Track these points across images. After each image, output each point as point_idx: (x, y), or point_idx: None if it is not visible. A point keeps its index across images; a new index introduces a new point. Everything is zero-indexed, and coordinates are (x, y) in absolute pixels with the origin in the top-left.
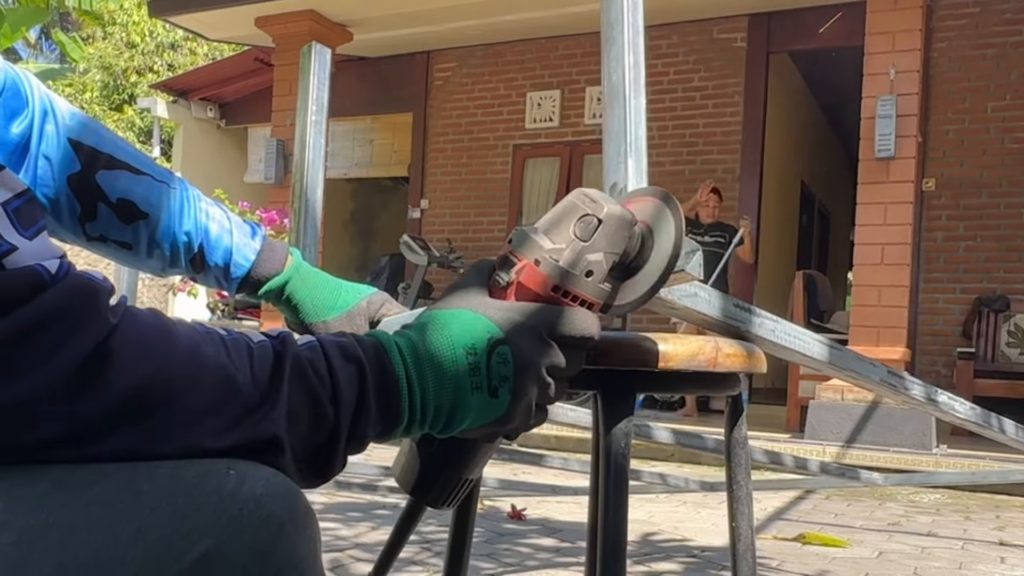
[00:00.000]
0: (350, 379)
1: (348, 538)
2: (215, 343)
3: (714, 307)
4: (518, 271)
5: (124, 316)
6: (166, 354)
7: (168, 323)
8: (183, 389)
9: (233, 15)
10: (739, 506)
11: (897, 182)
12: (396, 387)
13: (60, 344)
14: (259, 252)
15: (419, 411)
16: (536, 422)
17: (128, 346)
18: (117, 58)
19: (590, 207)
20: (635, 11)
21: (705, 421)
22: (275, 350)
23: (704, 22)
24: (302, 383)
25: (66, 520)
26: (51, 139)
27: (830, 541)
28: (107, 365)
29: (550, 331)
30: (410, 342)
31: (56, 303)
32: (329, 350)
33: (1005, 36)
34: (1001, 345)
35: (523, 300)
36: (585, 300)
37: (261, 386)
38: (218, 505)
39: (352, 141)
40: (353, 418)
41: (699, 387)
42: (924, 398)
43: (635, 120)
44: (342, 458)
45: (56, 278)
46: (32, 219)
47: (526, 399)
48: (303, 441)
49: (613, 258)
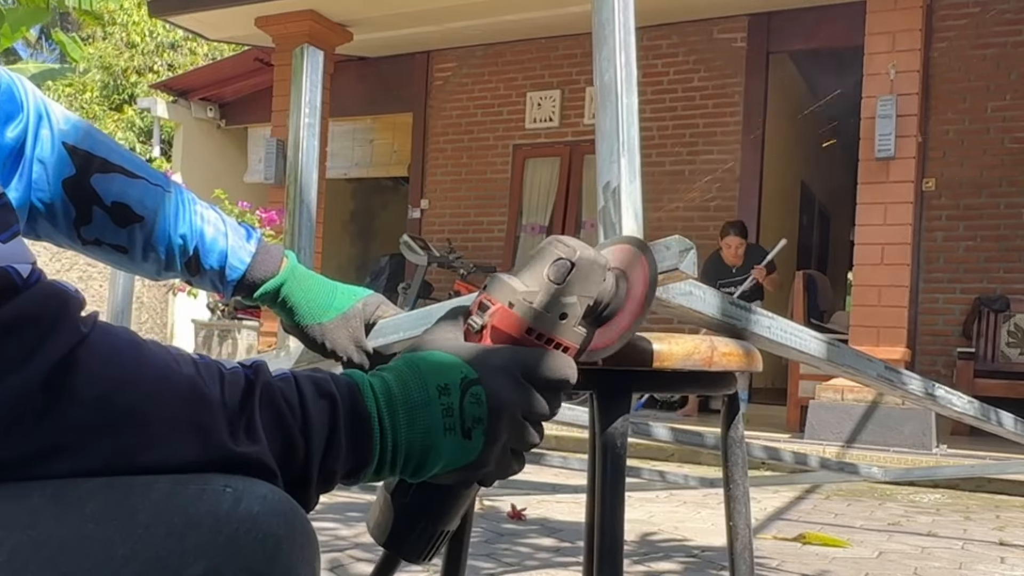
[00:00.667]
0: (322, 413)
1: (348, 538)
2: (186, 363)
3: (710, 305)
4: (492, 314)
5: (95, 328)
6: (135, 367)
7: (139, 340)
8: (153, 402)
9: (233, 15)
10: (736, 505)
11: (897, 182)
12: (367, 425)
13: (31, 351)
14: (254, 255)
15: (390, 452)
16: (513, 469)
17: (96, 356)
18: (117, 58)
19: (563, 251)
20: (626, 11)
21: (705, 421)
22: (247, 377)
23: (704, 22)
24: (272, 410)
25: (59, 538)
26: (46, 143)
27: (830, 541)
28: (76, 373)
29: (525, 373)
30: (383, 382)
31: (28, 307)
32: (302, 383)
33: (1005, 36)
34: (1001, 345)
35: (497, 343)
36: (560, 343)
37: (232, 407)
38: (214, 525)
39: (352, 141)
40: (323, 453)
41: (695, 386)
42: (922, 392)
43: (627, 119)
44: (315, 494)
45: (28, 283)
46: (6, 223)
47: (500, 442)
48: None
49: (587, 302)
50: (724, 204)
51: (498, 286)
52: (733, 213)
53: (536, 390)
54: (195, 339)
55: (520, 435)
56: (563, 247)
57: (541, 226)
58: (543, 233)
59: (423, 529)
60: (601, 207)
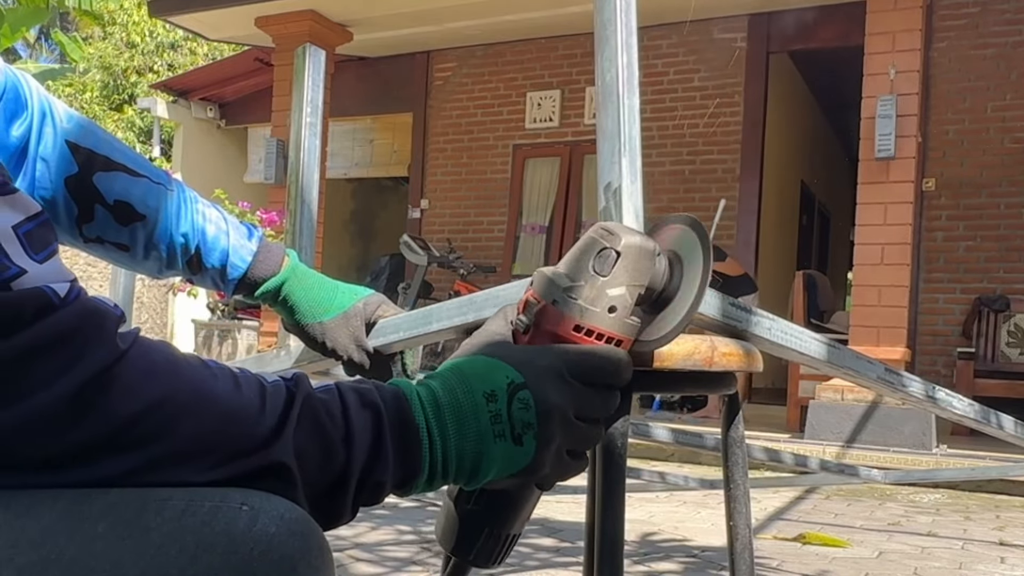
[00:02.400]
0: (365, 424)
1: (348, 538)
2: (225, 378)
3: (711, 306)
4: (537, 313)
5: (134, 343)
6: (170, 384)
7: (177, 355)
8: (186, 419)
9: (233, 15)
10: (736, 505)
11: (897, 182)
12: (416, 436)
13: (66, 367)
14: (255, 253)
15: (440, 461)
16: (572, 470)
17: (134, 373)
18: (117, 58)
19: (608, 240)
20: (628, 11)
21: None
22: (288, 389)
23: (704, 22)
24: (313, 422)
25: (69, 556)
26: (49, 141)
27: (830, 541)
28: (111, 390)
29: (573, 372)
30: (430, 391)
31: (64, 326)
32: (346, 394)
33: (1005, 36)
34: (1001, 345)
35: (545, 343)
36: (612, 337)
37: (271, 422)
38: (228, 546)
39: (352, 141)
40: (366, 464)
41: (695, 386)
42: (922, 395)
43: (629, 120)
44: (351, 505)
45: (65, 301)
46: (44, 242)
47: (554, 445)
48: (311, 481)
49: (638, 291)
50: (725, 204)
51: (542, 283)
52: (733, 213)
53: (589, 387)
54: (195, 339)
55: (575, 436)
56: (608, 236)
57: (541, 226)
58: (543, 233)
59: (488, 534)
60: (602, 208)
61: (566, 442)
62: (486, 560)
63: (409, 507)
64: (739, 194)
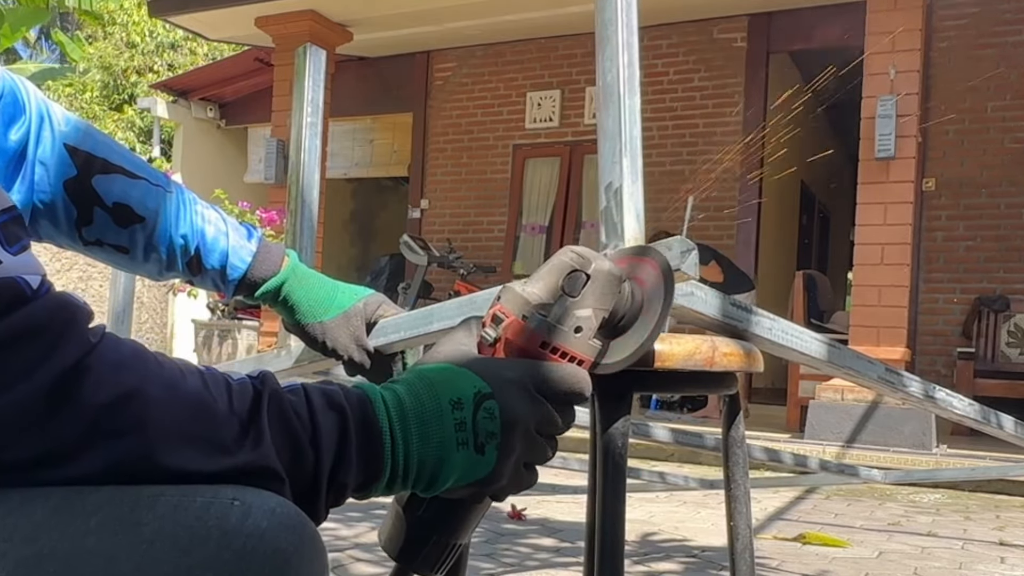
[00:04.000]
0: (332, 425)
1: (348, 538)
2: (192, 374)
3: (711, 306)
4: (505, 327)
5: (103, 339)
6: (141, 376)
7: (145, 351)
8: (159, 411)
9: (233, 15)
10: (737, 505)
11: (897, 182)
12: (379, 439)
13: (39, 359)
14: (255, 254)
15: (402, 465)
16: (526, 483)
17: (104, 365)
18: (117, 58)
19: (578, 263)
20: (629, 11)
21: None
22: (254, 387)
23: (704, 22)
24: (281, 421)
25: (62, 551)
26: (47, 145)
27: (830, 541)
28: (83, 382)
29: (539, 387)
30: (395, 395)
31: (37, 318)
32: (312, 394)
33: (1005, 36)
34: (1001, 345)
35: (510, 357)
36: (575, 357)
37: (241, 418)
38: (221, 540)
39: (352, 141)
40: (333, 465)
41: (696, 386)
42: (922, 395)
43: (630, 120)
44: (324, 507)
45: (37, 294)
46: (16, 236)
47: (514, 457)
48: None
49: (603, 315)
50: (723, 204)
51: (511, 298)
52: (733, 213)
53: (550, 404)
54: (195, 339)
55: (533, 449)
56: (578, 258)
57: (541, 226)
58: (543, 233)
59: (435, 542)
60: (603, 208)
61: (525, 455)
62: (429, 568)
63: None
64: (739, 194)
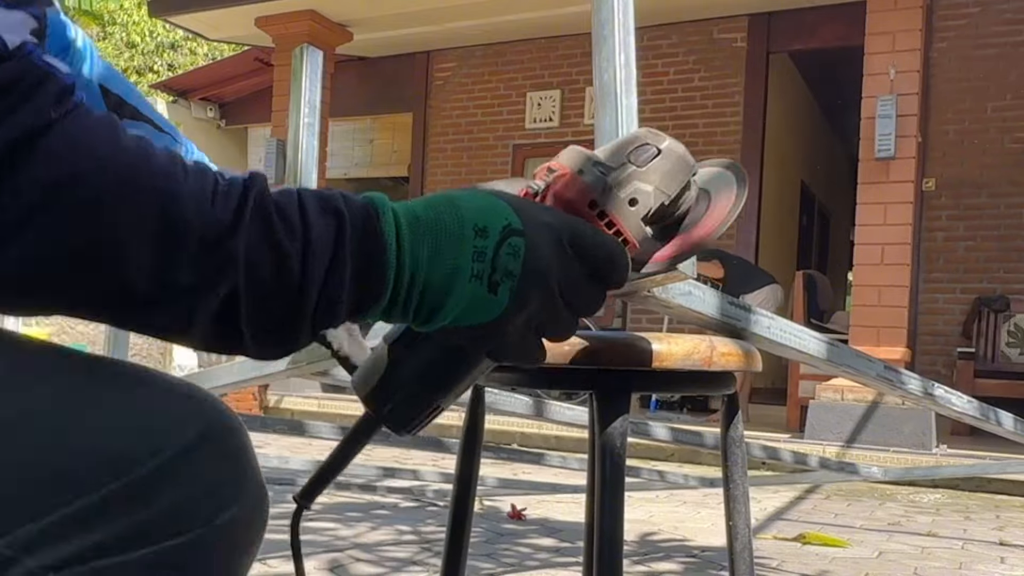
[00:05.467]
0: (325, 231)
1: (347, 538)
2: (173, 163)
3: (710, 306)
4: (557, 178)
5: (72, 112)
6: (103, 156)
7: (119, 131)
8: (116, 199)
9: (233, 15)
10: (736, 505)
11: (897, 182)
12: (382, 253)
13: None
14: None
15: (405, 286)
16: (531, 354)
17: (64, 140)
18: (117, 58)
19: (651, 138)
20: (626, 11)
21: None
22: (244, 185)
23: (704, 22)
24: (265, 223)
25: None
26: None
27: (830, 541)
28: (35, 156)
29: (575, 242)
30: (410, 209)
31: (4, 77)
32: (305, 198)
33: (1005, 36)
34: (1001, 345)
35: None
36: (621, 232)
37: (222, 219)
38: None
39: (352, 141)
40: (325, 278)
41: (695, 386)
42: (921, 392)
43: (627, 119)
44: (310, 326)
45: (12, 54)
46: None
47: (527, 310)
48: (263, 294)
49: (663, 198)
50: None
51: (571, 155)
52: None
53: (582, 269)
54: None
55: (550, 311)
56: (653, 135)
57: None
58: None
59: (413, 393)
60: None
61: (539, 314)
62: (399, 423)
63: (409, 507)
64: None
